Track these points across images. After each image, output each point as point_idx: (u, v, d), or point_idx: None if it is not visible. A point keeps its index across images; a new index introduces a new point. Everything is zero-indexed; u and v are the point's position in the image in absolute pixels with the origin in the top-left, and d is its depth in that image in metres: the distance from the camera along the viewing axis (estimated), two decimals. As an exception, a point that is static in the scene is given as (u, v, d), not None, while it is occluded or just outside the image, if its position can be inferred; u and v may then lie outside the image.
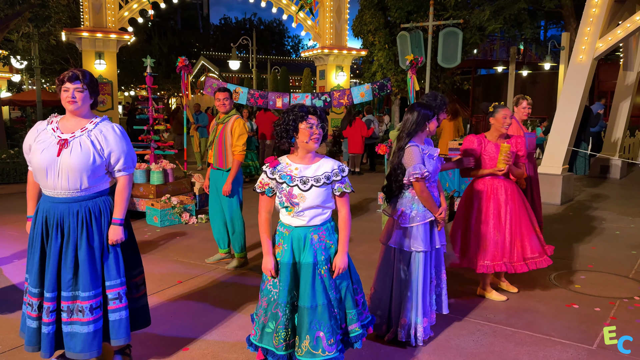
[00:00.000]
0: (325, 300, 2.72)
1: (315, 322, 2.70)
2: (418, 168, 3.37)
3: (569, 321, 3.94)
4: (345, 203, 2.82)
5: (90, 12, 12.13)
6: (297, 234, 2.76)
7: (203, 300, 4.31)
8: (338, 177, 2.76)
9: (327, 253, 2.79)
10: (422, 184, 3.41)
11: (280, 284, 2.76)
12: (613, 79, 12.92)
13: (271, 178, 2.76)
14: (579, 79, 8.72)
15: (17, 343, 3.47)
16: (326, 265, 2.78)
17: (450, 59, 10.80)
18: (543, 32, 27.05)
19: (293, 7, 14.48)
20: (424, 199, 3.43)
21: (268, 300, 2.80)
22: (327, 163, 2.80)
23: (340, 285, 2.83)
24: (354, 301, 2.88)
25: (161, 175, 7.37)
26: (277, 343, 2.73)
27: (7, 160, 9.59)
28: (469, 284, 4.70)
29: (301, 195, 2.71)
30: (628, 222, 7.18)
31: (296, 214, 2.74)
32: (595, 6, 8.58)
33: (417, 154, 3.42)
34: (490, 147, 4.19)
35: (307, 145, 2.71)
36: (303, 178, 2.72)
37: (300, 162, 2.77)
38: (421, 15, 15.84)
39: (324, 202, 2.74)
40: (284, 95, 8.70)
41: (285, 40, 48.37)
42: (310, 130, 2.68)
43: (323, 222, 2.79)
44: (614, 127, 11.37)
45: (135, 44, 22.30)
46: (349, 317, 2.85)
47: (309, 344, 2.70)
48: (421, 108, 3.50)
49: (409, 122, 3.49)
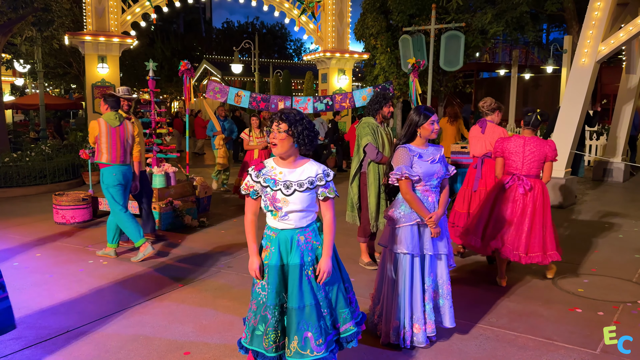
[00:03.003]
0: (313, 301, 2.74)
1: (303, 323, 2.71)
2: (399, 169, 3.38)
3: (572, 325, 3.92)
4: (330, 207, 2.81)
5: (93, 16, 12.17)
6: (284, 236, 2.78)
7: (204, 304, 4.31)
8: (322, 182, 2.75)
9: (314, 254, 2.80)
10: (405, 185, 3.39)
11: (268, 286, 2.77)
12: (616, 82, 12.89)
13: (255, 181, 2.78)
14: (582, 82, 8.70)
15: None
16: (313, 266, 2.79)
17: (452, 62, 10.80)
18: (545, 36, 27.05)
19: (295, 10, 14.51)
20: (408, 200, 3.41)
21: (257, 303, 2.81)
22: (311, 167, 2.78)
23: (330, 286, 2.84)
24: (346, 300, 2.89)
25: (163, 178, 7.37)
26: (266, 345, 2.74)
27: (10, 164, 9.60)
28: (469, 287, 4.68)
29: (284, 200, 2.72)
30: (631, 225, 7.15)
31: (281, 218, 2.76)
32: (597, 9, 8.56)
33: (404, 156, 3.42)
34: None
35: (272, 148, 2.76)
36: (287, 182, 2.72)
37: (284, 165, 2.78)
38: (423, 19, 15.84)
39: (308, 206, 2.76)
40: (286, 98, 8.69)
41: (287, 44, 48.51)
42: (272, 135, 2.72)
43: (309, 223, 2.80)
44: (617, 130, 11.34)
45: (137, 47, 22.30)
46: (342, 316, 2.86)
47: (297, 344, 2.71)
48: (414, 113, 3.50)
49: (405, 125, 3.53)
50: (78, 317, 4.03)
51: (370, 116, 5.14)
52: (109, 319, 4.00)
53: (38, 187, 9.62)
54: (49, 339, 3.65)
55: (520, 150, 4.67)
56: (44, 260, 5.51)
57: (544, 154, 4.65)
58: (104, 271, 5.15)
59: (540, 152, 4.64)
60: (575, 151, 9.24)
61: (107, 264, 5.37)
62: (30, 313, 4.11)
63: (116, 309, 4.18)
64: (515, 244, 4.61)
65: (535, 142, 4.67)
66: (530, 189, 4.61)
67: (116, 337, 3.68)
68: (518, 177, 4.65)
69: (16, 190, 9.43)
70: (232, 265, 5.40)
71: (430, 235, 3.46)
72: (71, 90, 29.88)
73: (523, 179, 4.63)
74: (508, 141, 4.77)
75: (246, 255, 5.66)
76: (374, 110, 5.09)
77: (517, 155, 4.68)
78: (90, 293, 4.57)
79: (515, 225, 4.63)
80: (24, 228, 6.94)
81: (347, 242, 5.96)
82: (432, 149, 3.53)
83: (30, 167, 9.64)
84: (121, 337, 3.68)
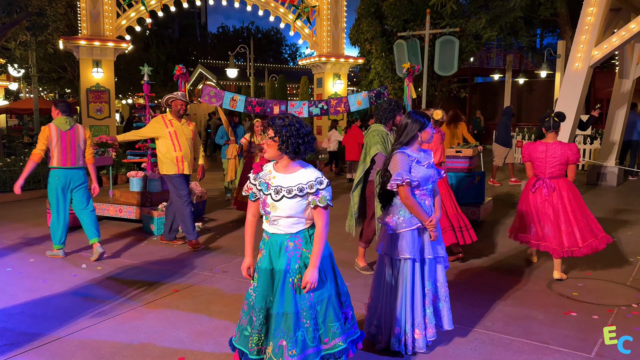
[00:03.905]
0: (293, 309, 2.69)
1: (280, 330, 2.68)
2: (399, 175, 3.37)
3: (567, 329, 3.92)
4: (320, 216, 2.74)
5: (87, 20, 12.16)
6: (274, 241, 2.78)
7: (199, 309, 4.29)
8: (312, 189, 2.70)
9: (302, 262, 2.75)
10: (405, 191, 3.38)
11: (257, 289, 2.79)
12: (609, 87, 12.98)
13: (253, 184, 2.84)
14: (575, 86, 8.76)
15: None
16: (300, 274, 2.74)
17: (446, 67, 10.85)
18: (539, 40, 27.20)
19: (290, 15, 14.55)
20: (409, 205, 3.40)
21: (248, 304, 2.84)
22: (305, 174, 2.75)
23: (319, 297, 2.76)
24: (337, 315, 2.79)
25: (158, 183, 7.36)
26: (250, 346, 2.75)
27: (4, 169, 9.56)
28: (464, 291, 4.69)
29: (273, 205, 2.73)
30: (625, 229, 7.18)
31: (271, 222, 2.78)
32: (590, 15, 8.63)
33: (402, 161, 3.40)
34: None
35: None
36: (277, 188, 2.73)
37: (279, 170, 2.79)
38: (418, 24, 15.93)
39: (297, 213, 2.72)
40: (281, 103, 8.70)
41: (282, 49, 48.55)
42: (263, 142, 2.79)
43: (299, 230, 2.77)
44: (610, 135, 11.41)
45: (132, 52, 22.32)
46: (331, 330, 2.77)
47: (272, 350, 2.69)
48: (414, 116, 3.49)
49: (400, 130, 3.51)
50: (72, 322, 4.00)
51: (380, 123, 5.04)
52: (103, 325, 3.97)
53: (32, 192, 9.57)
54: (43, 345, 3.62)
55: (543, 155, 5.07)
56: (38, 266, 5.47)
57: (566, 157, 4.99)
58: (97, 276, 5.12)
59: (563, 155, 4.99)
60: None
61: (101, 269, 5.34)
62: (24, 319, 4.07)
63: (110, 314, 4.16)
64: (557, 240, 4.97)
65: (558, 147, 5.02)
66: (554, 190, 5.02)
67: (110, 343, 3.66)
68: (542, 180, 5.08)
69: (10, 195, 9.38)
70: (227, 270, 5.38)
71: (430, 239, 3.47)
72: (65, 94, 29.79)
73: (546, 181, 5.05)
74: (534, 147, 5.17)
75: (241, 260, 5.64)
76: (386, 118, 5.01)
77: (540, 161, 5.10)
78: (84, 298, 4.54)
79: (553, 223, 5.01)
80: (17, 233, 6.90)
81: (344, 246, 5.95)
82: (424, 154, 3.54)
83: (24, 172, 9.59)
84: (115, 343, 3.66)
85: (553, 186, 5.02)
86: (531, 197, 5.15)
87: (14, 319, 4.05)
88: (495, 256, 5.88)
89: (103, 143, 11.40)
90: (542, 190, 5.07)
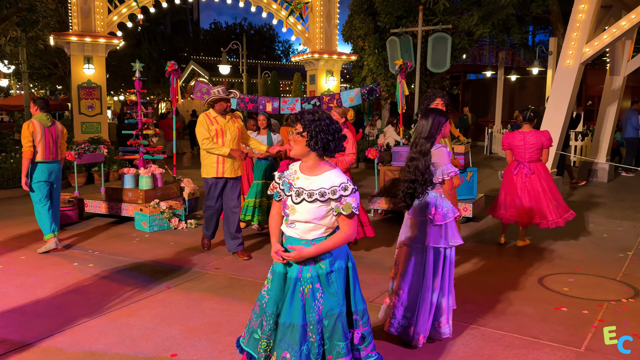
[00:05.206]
0: (300, 321, 2.53)
1: (285, 342, 2.53)
2: (448, 167, 3.55)
3: (557, 324, 3.96)
4: (346, 224, 2.53)
5: (79, 16, 12.05)
6: (290, 244, 2.61)
7: (192, 306, 4.29)
8: (335, 195, 2.49)
9: (316, 271, 2.57)
10: (451, 182, 3.63)
11: (270, 292, 2.66)
12: (600, 84, 13.06)
13: (277, 183, 2.69)
14: (567, 83, 8.80)
15: None
16: (311, 284, 2.56)
17: (439, 64, 10.89)
18: (531, 38, 27.33)
19: (283, 12, 14.50)
20: (452, 195, 3.67)
21: (260, 306, 2.71)
22: (330, 178, 2.54)
23: (329, 312, 2.56)
24: (345, 334, 2.57)
25: (150, 180, 7.32)
26: (259, 352, 2.63)
27: (-6, 166, 9.49)
28: (455, 286, 4.71)
29: (292, 207, 2.56)
30: (615, 225, 7.25)
31: (289, 225, 2.62)
32: (582, 12, 8.67)
33: (446, 155, 3.59)
34: None
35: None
36: (299, 190, 2.56)
37: (305, 171, 2.62)
38: (410, 21, 15.95)
39: (315, 219, 2.53)
40: (274, 99, 8.69)
41: (275, 45, 48.44)
42: (290, 137, 2.64)
43: (317, 237, 2.56)
44: (601, 131, 11.49)
45: (124, 48, 22.18)
46: (335, 349, 2.56)
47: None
48: (436, 114, 3.62)
49: (427, 127, 3.54)
50: (64, 319, 3.99)
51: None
52: (96, 321, 3.96)
53: (22, 190, 9.50)
54: (35, 342, 3.61)
55: (521, 143, 5.90)
56: (29, 263, 5.44)
57: (541, 142, 5.84)
58: (89, 273, 5.10)
59: (538, 141, 5.84)
60: (561, 152, 9.34)
61: (93, 266, 5.32)
62: (15, 316, 4.05)
63: (102, 311, 4.15)
64: (532, 212, 5.86)
65: (533, 134, 5.87)
66: (532, 173, 5.87)
67: (103, 340, 3.65)
68: (522, 163, 5.91)
69: (0, 192, 9.32)
70: (219, 267, 5.38)
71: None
72: (57, 91, 29.59)
73: (526, 165, 5.89)
74: (513, 136, 5.99)
75: (232, 258, 5.66)
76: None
77: (520, 148, 5.92)
78: (76, 296, 4.52)
79: (532, 197, 5.88)
80: (8, 230, 6.86)
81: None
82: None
83: (15, 169, 9.52)
84: (108, 340, 3.65)
85: (532, 169, 5.86)
86: (513, 178, 5.97)
87: (4, 316, 4.03)
88: (486, 252, 5.91)
89: (94, 139, 11.37)
90: (522, 171, 5.89)
